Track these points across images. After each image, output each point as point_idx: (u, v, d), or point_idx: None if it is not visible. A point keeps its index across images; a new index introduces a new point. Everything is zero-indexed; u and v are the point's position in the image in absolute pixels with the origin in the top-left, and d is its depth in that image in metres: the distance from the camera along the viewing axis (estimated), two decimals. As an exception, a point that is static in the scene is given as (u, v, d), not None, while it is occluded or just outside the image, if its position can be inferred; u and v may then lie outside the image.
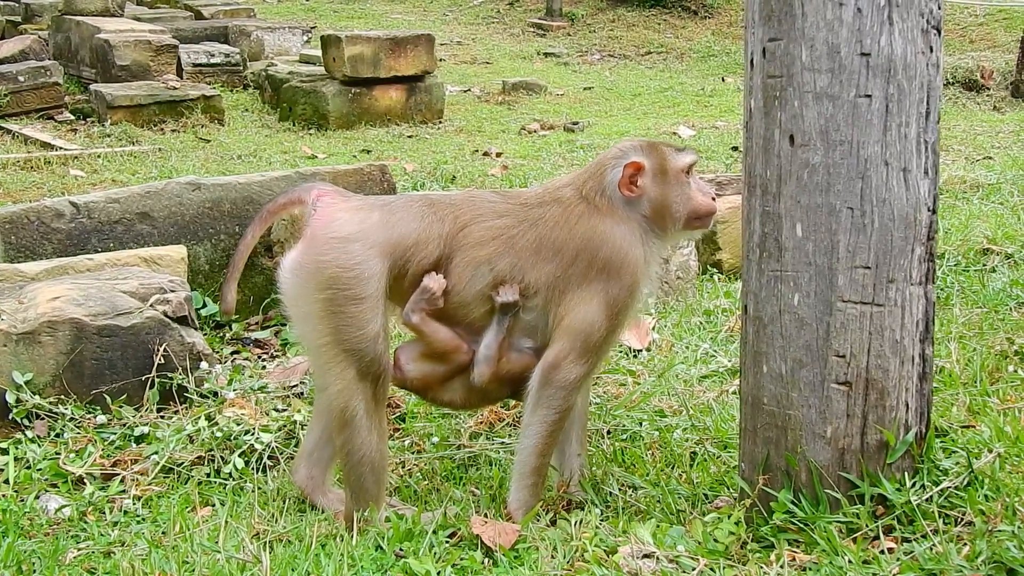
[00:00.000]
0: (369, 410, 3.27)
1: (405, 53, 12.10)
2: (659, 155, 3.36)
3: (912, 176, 2.82)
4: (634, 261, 3.26)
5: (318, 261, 3.22)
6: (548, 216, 3.31)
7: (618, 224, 3.28)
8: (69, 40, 13.37)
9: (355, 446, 3.28)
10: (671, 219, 3.35)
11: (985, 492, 2.89)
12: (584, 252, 3.24)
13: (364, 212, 3.29)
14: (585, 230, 3.27)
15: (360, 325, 3.20)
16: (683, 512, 3.27)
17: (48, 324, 4.03)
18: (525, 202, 3.38)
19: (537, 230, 3.29)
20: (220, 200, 5.72)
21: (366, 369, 3.24)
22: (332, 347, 3.24)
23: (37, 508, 3.51)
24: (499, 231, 3.30)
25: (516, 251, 3.27)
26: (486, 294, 3.29)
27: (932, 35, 2.82)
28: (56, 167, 9.41)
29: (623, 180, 3.30)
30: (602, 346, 3.28)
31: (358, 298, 3.19)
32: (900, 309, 2.86)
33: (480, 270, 3.28)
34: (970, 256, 6.02)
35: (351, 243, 3.21)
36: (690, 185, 3.38)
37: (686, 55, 17.61)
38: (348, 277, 3.19)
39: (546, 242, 3.27)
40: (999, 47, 15.48)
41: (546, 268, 3.26)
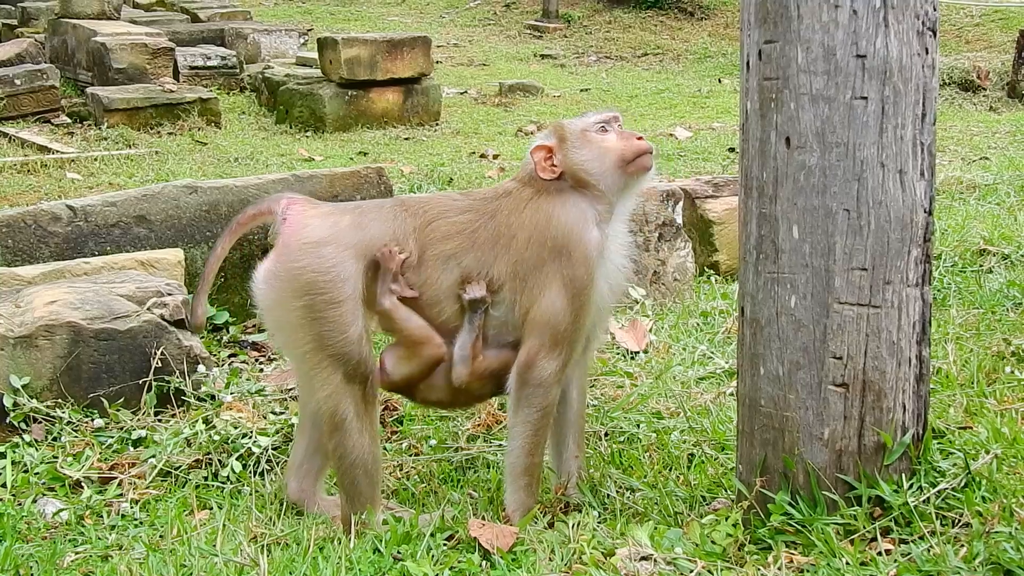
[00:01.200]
0: (359, 412, 3.28)
1: (402, 55, 12.11)
2: (559, 129, 3.41)
3: (908, 178, 2.82)
4: (584, 237, 3.26)
5: (292, 268, 3.22)
6: (502, 207, 3.34)
7: (563, 203, 3.30)
8: (66, 43, 13.37)
9: (347, 449, 3.29)
10: (599, 178, 3.33)
11: (982, 493, 2.89)
12: (535, 236, 3.26)
13: (335, 216, 3.31)
14: (533, 213, 3.29)
15: (342, 328, 3.21)
16: (681, 514, 3.27)
17: (45, 328, 4.03)
18: (483, 197, 3.42)
19: (494, 222, 3.32)
20: (217, 203, 5.72)
21: (353, 372, 3.25)
22: (316, 353, 3.24)
23: (35, 512, 3.51)
24: (462, 226, 3.32)
25: (478, 245, 3.29)
26: (456, 291, 3.29)
27: (928, 37, 2.82)
28: (53, 170, 9.42)
29: (539, 165, 3.34)
30: (572, 334, 3.26)
31: (336, 301, 3.19)
32: (897, 311, 2.86)
33: (448, 265, 3.29)
34: (967, 257, 6.02)
35: (324, 247, 3.22)
36: (606, 139, 3.37)
37: (682, 57, 17.63)
38: (324, 281, 3.19)
39: (502, 232, 3.29)
40: (995, 47, 15.50)
41: (505, 259, 3.28)
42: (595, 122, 3.40)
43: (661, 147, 10.64)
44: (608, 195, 3.34)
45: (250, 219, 3.43)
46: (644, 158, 3.37)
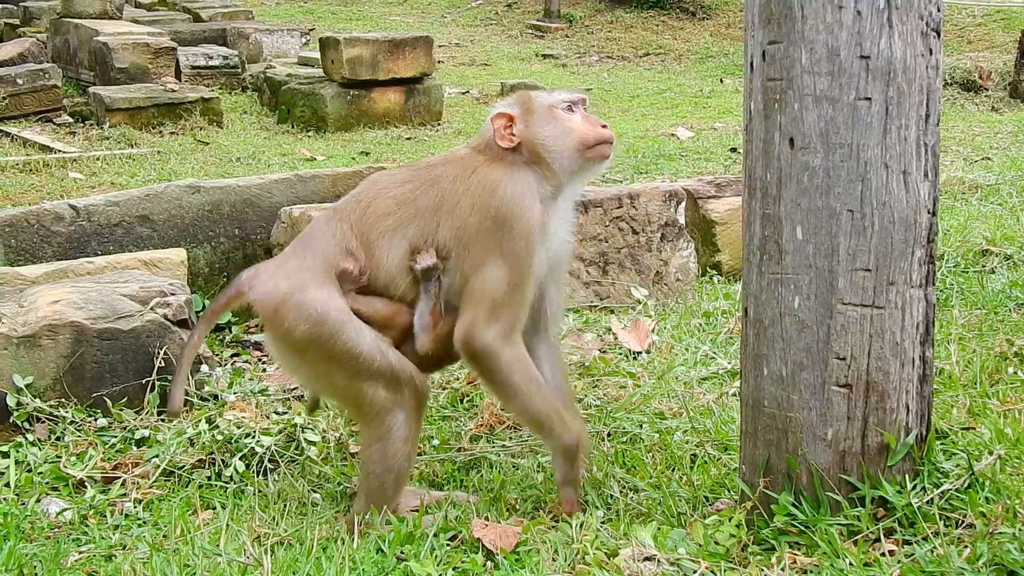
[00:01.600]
0: (408, 420, 3.29)
1: (403, 55, 12.12)
2: (525, 100, 3.38)
3: (912, 179, 2.83)
4: (527, 212, 3.23)
5: (283, 332, 3.27)
6: (446, 173, 3.33)
7: (511, 175, 3.28)
8: (68, 43, 13.38)
9: (386, 457, 3.29)
10: (555, 157, 3.31)
11: (986, 494, 2.89)
12: (479, 203, 3.24)
13: (283, 266, 3.34)
14: (479, 181, 3.27)
15: (355, 350, 3.22)
16: (684, 515, 3.27)
17: (49, 327, 4.03)
18: (426, 164, 3.43)
19: (437, 188, 3.30)
20: (220, 203, 5.73)
21: (392, 381, 3.26)
22: (351, 385, 3.27)
23: (38, 512, 3.51)
24: (402, 197, 3.32)
25: (420, 213, 3.28)
26: (407, 264, 3.29)
27: (932, 38, 2.82)
28: (55, 170, 9.42)
29: (499, 134, 3.32)
30: (510, 304, 3.21)
31: (333, 333, 3.21)
32: (900, 311, 2.86)
33: (393, 240, 3.29)
34: (969, 257, 6.02)
35: (291, 298, 3.24)
36: (571, 120, 3.35)
37: (684, 57, 17.63)
38: (311, 326, 3.21)
39: (446, 198, 3.28)
40: (997, 47, 15.50)
41: (449, 224, 3.26)
42: (563, 100, 3.38)
43: (663, 147, 10.64)
44: (560, 175, 3.33)
45: (223, 307, 3.45)
46: (604, 147, 3.36)
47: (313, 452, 3.85)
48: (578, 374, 4.50)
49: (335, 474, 3.78)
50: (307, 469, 3.81)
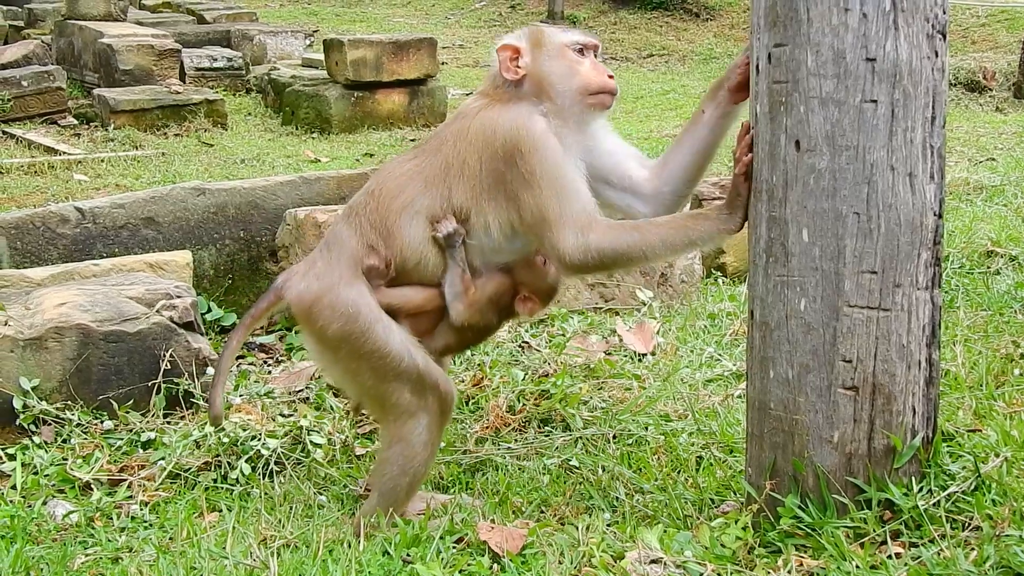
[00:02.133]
0: (431, 425, 3.31)
1: (407, 57, 12.12)
2: (537, 34, 3.33)
3: (918, 181, 2.82)
4: (532, 129, 3.16)
5: (316, 331, 3.31)
6: (447, 135, 3.30)
7: (507, 108, 3.23)
8: (72, 45, 13.39)
9: (405, 459, 3.30)
10: (557, 94, 3.26)
11: (992, 496, 2.88)
12: (485, 150, 3.19)
13: (311, 269, 3.36)
14: (478, 127, 3.22)
15: (384, 349, 3.24)
16: (690, 517, 3.27)
17: (55, 330, 4.04)
18: (433, 135, 3.40)
19: (441, 154, 3.28)
20: (225, 205, 5.73)
21: (418, 383, 3.28)
22: (379, 384, 3.30)
23: (45, 514, 3.51)
24: (410, 173, 3.31)
25: (430, 184, 3.26)
26: (428, 237, 3.28)
27: (937, 40, 2.82)
28: (60, 172, 9.44)
29: (503, 64, 3.28)
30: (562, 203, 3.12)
31: (363, 332, 3.24)
32: (906, 314, 2.86)
33: (410, 217, 3.28)
34: (974, 259, 6.01)
35: (322, 299, 3.28)
36: (581, 63, 3.30)
37: (688, 58, 17.63)
38: (343, 324, 3.25)
39: (451, 162, 3.25)
40: (1001, 48, 15.49)
41: (462, 186, 3.23)
42: (575, 41, 3.34)
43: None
44: (563, 112, 3.26)
45: (263, 312, 3.48)
46: (606, 96, 3.33)
47: (319, 454, 3.85)
48: (584, 376, 4.50)
49: (341, 476, 3.78)
50: (313, 471, 3.81)
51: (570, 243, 3.12)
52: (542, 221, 3.14)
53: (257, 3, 21.45)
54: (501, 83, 3.30)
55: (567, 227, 3.12)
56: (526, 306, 3.42)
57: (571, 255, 3.13)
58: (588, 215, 3.15)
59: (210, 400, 3.53)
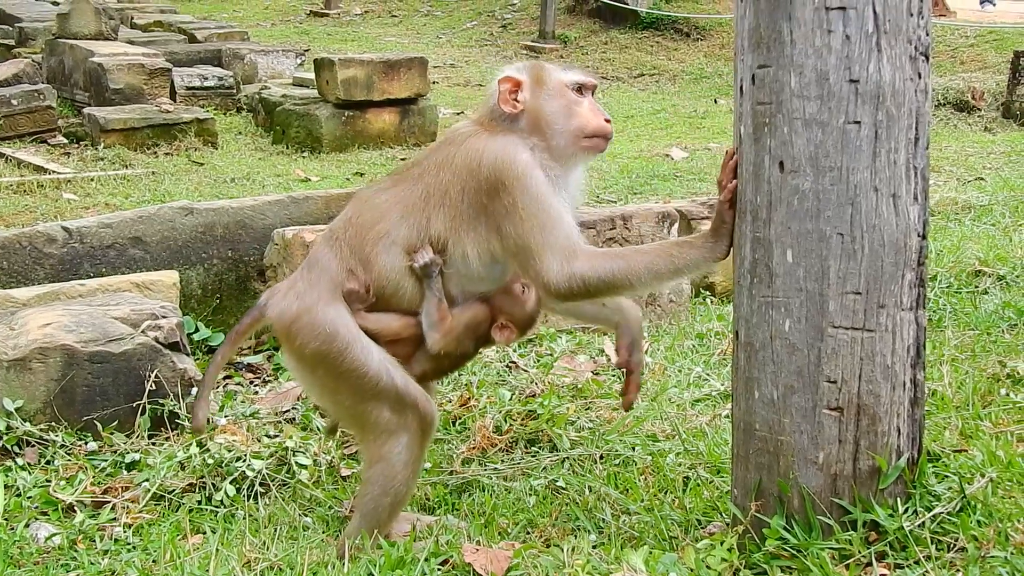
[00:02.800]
0: (411, 445, 3.29)
1: (398, 76, 12.13)
2: (538, 70, 3.33)
3: (902, 202, 2.83)
4: (518, 160, 3.15)
5: (295, 349, 3.33)
6: (429, 164, 3.29)
7: (496, 139, 3.22)
8: (63, 63, 13.39)
9: (386, 479, 3.29)
10: (553, 133, 3.25)
11: (978, 518, 2.88)
12: (469, 181, 3.18)
13: (292, 288, 3.37)
14: (463, 156, 3.21)
15: (362, 369, 3.24)
16: (676, 538, 3.26)
17: (39, 351, 4.02)
18: (414, 163, 3.39)
19: (423, 182, 3.26)
20: (213, 224, 5.72)
21: (398, 402, 3.27)
22: (357, 404, 3.30)
23: (27, 536, 3.49)
24: (388, 202, 3.30)
25: (409, 212, 3.25)
26: (405, 267, 3.27)
27: (920, 61, 2.83)
28: (49, 191, 9.42)
29: (502, 96, 3.27)
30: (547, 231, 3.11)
31: (341, 351, 3.24)
32: (891, 335, 2.86)
33: (387, 246, 3.27)
34: (962, 278, 6.02)
35: (302, 318, 3.29)
36: (579, 103, 3.30)
37: (678, 77, 17.68)
38: (321, 344, 3.25)
39: (432, 189, 3.24)
40: (990, 68, 15.55)
41: (441, 215, 3.22)
42: (575, 80, 3.33)
43: (657, 168, 10.67)
44: (556, 151, 3.27)
45: (247, 327, 3.49)
46: (600, 140, 3.32)
47: (304, 475, 3.83)
48: (571, 396, 4.49)
49: (326, 498, 3.76)
50: (298, 493, 3.79)
51: (554, 271, 3.12)
52: (525, 250, 3.14)
53: (248, 22, 21.50)
54: (497, 115, 3.30)
55: (551, 255, 3.12)
56: (503, 334, 3.42)
57: (555, 283, 3.13)
58: (572, 243, 3.15)
59: (193, 412, 3.55)
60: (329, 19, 22.31)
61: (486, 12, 21.76)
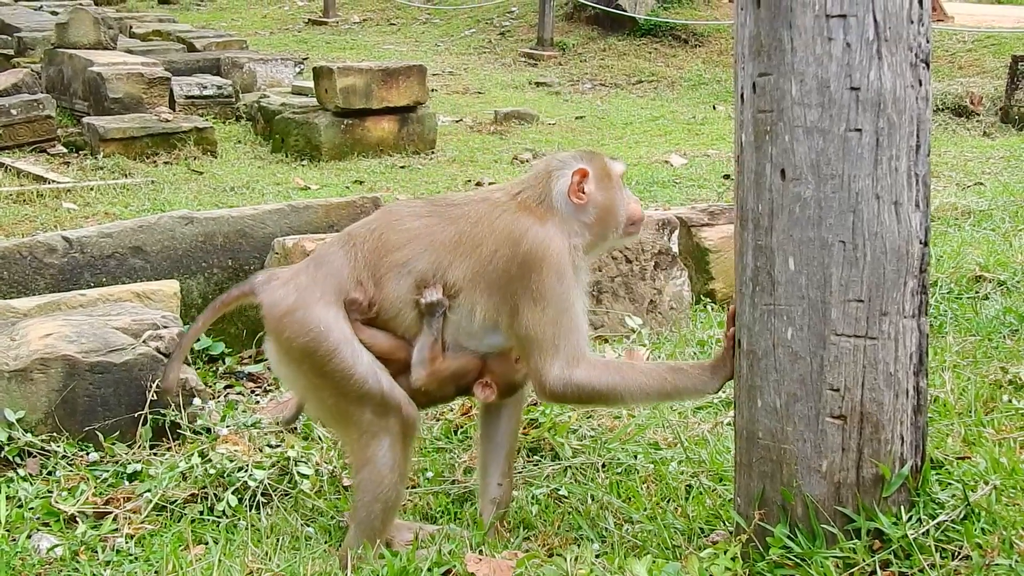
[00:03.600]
0: (394, 448, 3.29)
1: (397, 84, 12.14)
2: (600, 162, 3.41)
3: (903, 209, 2.83)
4: (557, 251, 3.21)
5: (282, 341, 3.33)
6: (471, 212, 3.30)
7: (541, 222, 3.25)
8: (62, 73, 13.40)
9: (373, 484, 3.29)
10: (614, 224, 3.39)
11: (982, 525, 2.88)
12: (503, 248, 3.21)
13: (294, 280, 3.37)
14: (507, 225, 3.24)
15: (348, 371, 3.24)
16: (679, 547, 3.26)
17: (40, 361, 4.02)
18: (452, 202, 3.40)
19: (457, 226, 3.28)
20: (213, 234, 5.72)
21: (381, 405, 3.27)
22: (340, 403, 3.31)
23: (29, 548, 3.48)
24: (417, 232, 3.31)
25: (434, 249, 3.27)
26: (412, 299, 3.28)
27: (921, 69, 2.83)
28: (49, 200, 9.42)
29: (572, 187, 3.30)
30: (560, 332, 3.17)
31: (330, 352, 3.24)
32: (893, 342, 2.85)
33: (401, 273, 3.29)
34: (963, 284, 6.01)
35: (295, 312, 3.29)
36: (628, 194, 3.46)
37: (677, 84, 17.69)
38: (310, 341, 3.25)
39: (465, 238, 3.26)
40: (988, 73, 15.56)
41: (465, 264, 3.24)
42: (622, 171, 3.47)
43: (656, 174, 10.67)
44: (607, 240, 3.42)
45: (234, 299, 3.50)
46: (640, 225, 3.49)
47: (306, 485, 3.83)
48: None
49: (328, 507, 3.76)
50: (300, 503, 3.79)
51: (555, 373, 3.18)
52: (534, 341, 3.18)
53: (247, 31, 21.50)
54: (546, 201, 3.30)
55: (558, 357, 3.18)
56: (484, 392, 3.42)
57: (552, 384, 3.18)
58: (580, 350, 3.21)
59: (164, 373, 3.61)
60: (327, 27, 22.33)
61: (484, 20, 21.78)
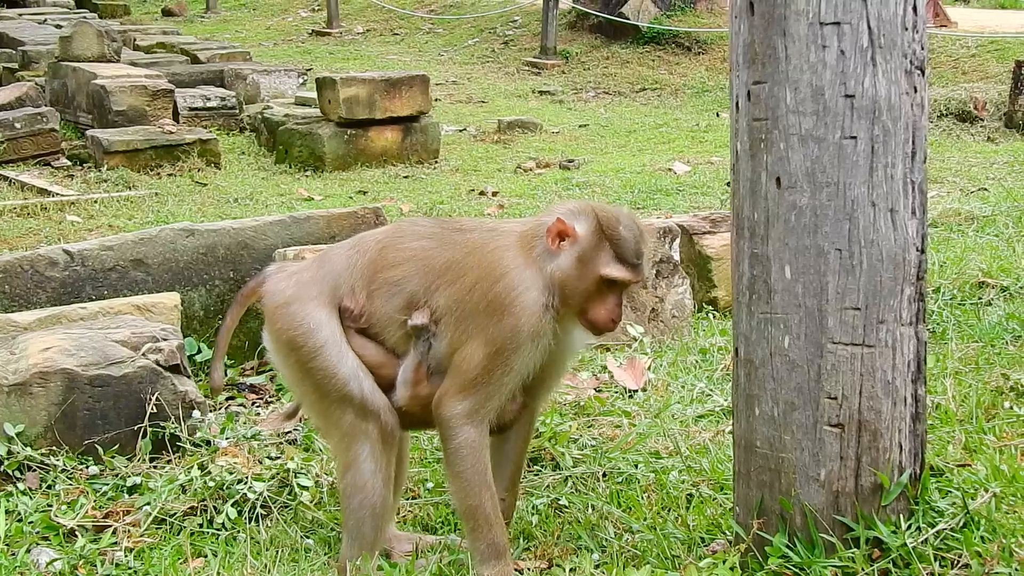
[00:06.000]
0: (375, 452, 3.28)
1: (400, 94, 12.15)
2: (596, 239, 3.13)
3: (899, 216, 2.82)
4: (525, 306, 3.12)
5: (273, 332, 3.40)
6: (467, 240, 3.28)
7: (527, 268, 3.17)
8: (66, 86, 13.43)
9: (357, 489, 3.29)
10: (565, 299, 3.17)
11: (981, 533, 2.87)
12: (482, 282, 3.17)
13: (298, 275, 3.43)
14: (492, 260, 3.20)
15: (331, 371, 3.27)
16: (679, 557, 3.24)
17: (39, 375, 4.02)
18: (458, 228, 3.38)
19: (451, 252, 3.27)
20: (214, 246, 5.72)
21: (361, 409, 3.27)
22: (321, 401, 3.33)
23: (28, 562, 3.48)
24: (414, 252, 3.31)
25: (427, 272, 3.27)
26: (401, 318, 3.29)
27: (916, 76, 2.83)
28: (53, 213, 9.43)
29: (551, 229, 3.17)
30: (485, 388, 3.16)
31: (316, 349, 3.28)
32: (891, 350, 2.85)
33: (393, 291, 3.30)
34: (965, 290, 6.00)
35: (290, 306, 3.35)
36: (604, 294, 3.14)
37: (680, 91, 17.69)
38: (298, 335, 3.30)
39: (454, 265, 3.25)
40: (991, 78, 15.53)
41: (448, 292, 3.23)
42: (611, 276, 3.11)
43: (660, 182, 10.65)
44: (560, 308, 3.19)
45: (251, 292, 3.56)
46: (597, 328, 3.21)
47: (306, 497, 3.82)
48: (573, 414, 4.48)
49: (328, 519, 3.75)
50: (300, 515, 3.78)
51: (452, 409, 3.19)
52: (461, 372, 3.18)
53: (250, 42, 21.55)
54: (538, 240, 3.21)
55: (465, 400, 3.18)
56: None
57: (443, 412, 3.20)
58: (487, 413, 3.21)
59: (210, 374, 3.80)
60: (331, 38, 22.36)
61: (487, 29, 21.81)
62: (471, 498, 3.22)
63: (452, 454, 3.22)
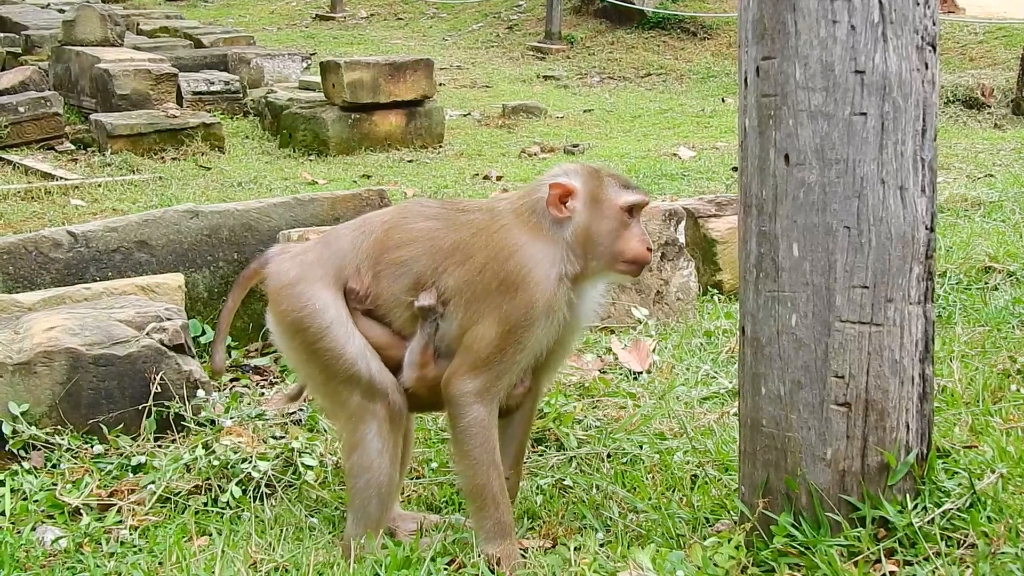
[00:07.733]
0: (382, 432, 3.27)
1: (404, 78, 12.12)
2: (596, 183, 3.22)
3: (909, 194, 2.80)
4: (538, 281, 3.13)
5: (278, 313, 3.37)
6: (473, 221, 3.28)
7: (536, 241, 3.18)
8: (69, 70, 13.41)
9: (364, 469, 3.27)
10: (594, 252, 3.20)
11: (988, 514, 2.85)
12: (493, 262, 3.16)
13: (302, 255, 3.41)
14: (500, 239, 3.19)
15: (338, 352, 3.25)
16: (683, 536, 3.24)
17: (44, 354, 4.01)
18: (462, 208, 3.37)
19: (458, 233, 3.26)
20: (218, 227, 5.71)
21: (368, 390, 3.26)
22: (328, 382, 3.31)
23: (33, 540, 3.47)
24: (420, 233, 3.29)
25: (434, 253, 3.26)
26: (407, 299, 3.28)
27: (927, 52, 2.80)
28: (57, 197, 9.42)
29: (551, 199, 3.19)
30: (496, 366, 3.16)
31: (322, 330, 3.25)
32: (899, 329, 2.83)
33: (399, 272, 3.28)
34: (972, 274, 5.99)
35: (295, 286, 3.32)
36: (628, 225, 3.21)
37: (685, 76, 17.64)
38: (303, 316, 3.28)
39: (462, 246, 3.23)
40: (999, 65, 15.47)
41: (457, 273, 3.22)
42: (629, 201, 3.20)
43: (665, 167, 10.63)
44: (588, 268, 3.22)
45: (254, 273, 3.54)
46: (637, 267, 3.25)
47: (310, 476, 3.82)
48: (578, 395, 4.47)
49: (332, 498, 3.75)
50: (304, 494, 3.78)
51: (462, 387, 3.18)
52: (471, 351, 3.17)
53: (254, 27, 21.51)
54: (540, 214, 3.21)
55: (476, 379, 3.17)
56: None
57: (453, 390, 3.19)
58: (497, 392, 3.21)
59: (211, 356, 3.75)
60: (335, 22, 22.32)
61: (492, 14, 21.75)
62: (479, 477, 3.21)
63: (461, 433, 3.21)
